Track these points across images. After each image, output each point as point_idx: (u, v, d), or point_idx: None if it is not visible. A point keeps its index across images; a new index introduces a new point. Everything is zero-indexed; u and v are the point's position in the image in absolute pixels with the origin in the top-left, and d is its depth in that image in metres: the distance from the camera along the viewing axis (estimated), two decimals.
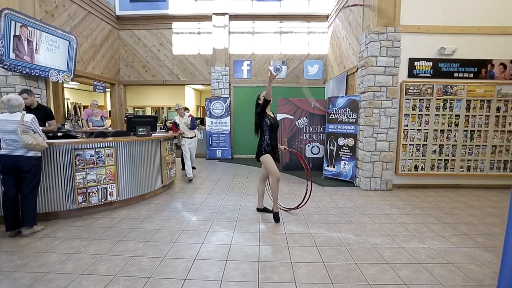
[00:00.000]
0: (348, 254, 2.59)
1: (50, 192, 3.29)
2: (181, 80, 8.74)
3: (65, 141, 3.43)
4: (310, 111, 6.43)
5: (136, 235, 2.96)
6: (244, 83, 8.57)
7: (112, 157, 3.67)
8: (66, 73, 5.55)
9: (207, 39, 8.43)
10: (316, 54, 8.42)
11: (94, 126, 6.36)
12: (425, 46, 4.85)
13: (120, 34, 8.48)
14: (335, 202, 4.22)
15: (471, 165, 5.02)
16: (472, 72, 4.92)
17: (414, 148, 4.98)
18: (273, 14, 8.19)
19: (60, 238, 2.85)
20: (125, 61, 8.63)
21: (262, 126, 3.41)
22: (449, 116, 4.93)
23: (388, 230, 3.18)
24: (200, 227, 3.20)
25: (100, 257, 2.48)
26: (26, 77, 4.81)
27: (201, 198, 4.34)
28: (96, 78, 7.36)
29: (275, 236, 2.97)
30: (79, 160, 3.40)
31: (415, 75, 4.90)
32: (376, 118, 4.83)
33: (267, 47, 8.44)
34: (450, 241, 2.91)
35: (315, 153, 6.52)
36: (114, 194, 3.70)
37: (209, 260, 2.46)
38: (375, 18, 4.73)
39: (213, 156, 8.35)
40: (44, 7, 5.51)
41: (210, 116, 8.28)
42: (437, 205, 4.12)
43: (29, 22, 4.63)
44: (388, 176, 4.93)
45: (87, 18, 6.91)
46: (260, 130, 3.46)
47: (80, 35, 6.57)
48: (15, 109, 2.81)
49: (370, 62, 4.75)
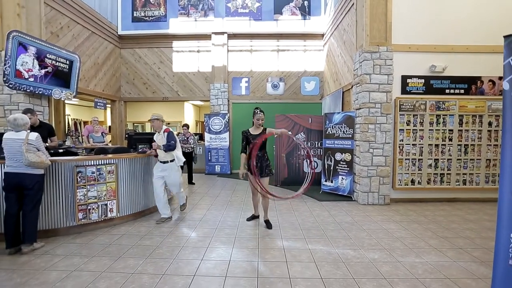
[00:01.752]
0: (346, 270, 2.62)
1: (51, 209, 3.33)
2: (181, 96, 8.91)
3: (68, 159, 3.50)
4: (307, 127, 6.55)
5: (136, 251, 2.98)
6: (242, 100, 8.75)
7: (113, 174, 3.73)
8: (68, 91, 5.68)
9: (206, 57, 8.68)
10: (313, 71, 8.66)
11: (95, 142, 6.44)
12: (417, 64, 5.05)
13: (121, 52, 8.73)
14: (333, 217, 4.25)
15: (466, 179, 5.10)
16: (463, 88, 5.10)
17: (410, 163, 5.07)
18: (270, 33, 8.49)
19: (60, 255, 2.86)
20: (126, 78, 8.83)
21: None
22: (443, 131, 5.05)
23: (385, 245, 3.21)
24: (199, 243, 3.22)
25: (100, 274, 2.50)
26: (29, 95, 4.93)
27: (200, 214, 4.36)
28: (97, 95, 7.51)
29: (274, 252, 2.99)
30: (80, 177, 3.46)
31: (408, 92, 5.07)
32: (371, 134, 4.95)
33: (264, 65, 8.69)
34: (447, 255, 2.94)
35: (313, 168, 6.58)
36: (114, 211, 3.73)
37: (209, 277, 2.47)
38: (367, 38, 4.94)
39: (212, 172, 8.39)
40: (50, 28, 5.72)
41: (209, 132, 8.40)
42: (434, 219, 4.16)
43: (35, 43, 4.80)
44: (385, 190, 4.99)
45: (90, 37, 7.14)
46: None
47: (83, 54, 6.77)
48: (21, 128, 2.89)
49: (364, 80, 4.92)
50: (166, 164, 3.93)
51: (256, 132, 3.61)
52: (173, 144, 3.86)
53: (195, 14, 8.41)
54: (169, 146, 3.85)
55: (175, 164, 3.97)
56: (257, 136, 3.57)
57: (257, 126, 3.61)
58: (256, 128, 3.63)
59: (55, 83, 5.31)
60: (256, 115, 3.58)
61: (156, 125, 3.95)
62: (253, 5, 8.35)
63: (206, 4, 8.40)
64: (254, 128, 3.64)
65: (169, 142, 3.85)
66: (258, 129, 3.62)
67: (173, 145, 3.87)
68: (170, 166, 3.94)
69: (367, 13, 4.89)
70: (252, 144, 3.44)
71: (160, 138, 3.92)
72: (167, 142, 3.86)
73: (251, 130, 3.64)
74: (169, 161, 3.92)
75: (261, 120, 3.57)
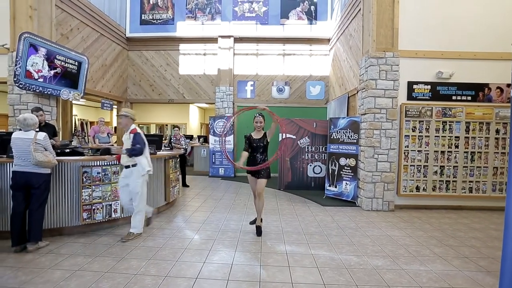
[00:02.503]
0: (349, 276, 2.60)
1: (56, 208, 3.36)
2: (186, 99, 8.98)
3: (74, 158, 3.54)
4: (312, 131, 6.54)
5: (139, 252, 2.99)
6: (247, 103, 8.77)
7: (118, 175, 3.76)
8: (76, 92, 5.76)
9: (212, 60, 8.75)
10: (318, 76, 8.67)
11: (101, 143, 6.51)
12: (423, 70, 5.02)
13: (129, 54, 8.85)
14: (337, 222, 4.23)
15: (473, 187, 5.03)
16: (470, 95, 5.05)
17: (415, 169, 5.02)
18: (276, 37, 8.53)
19: (64, 255, 2.89)
20: (133, 80, 8.94)
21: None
22: (449, 137, 5.01)
23: (389, 251, 3.18)
24: (202, 245, 3.23)
25: (103, 274, 2.51)
26: (38, 95, 5.02)
27: (204, 216, 4.37)
28: (104, 96, 7.60)
29: (277, 256, 2.98)
30: (86, 177, 3.49)
31: (414, 98, 5.04)
32: (376, 139, 4.92)
33: (270, 68, 8.72)
34: (452, 264, 2.90)
35: (317, 172, 6.57)
36: (118, 211, 3.76)
37: (211, 280, 2.47)
38: (373, 43, 4.93)
39: (216, 174, 8.41)
40: (60, 30, 5.83)
41: (214, 134, 8.43)
42: (439, 226, 4.11)
43: (46, 44, 4.89)
44: (389, 196, 4.95)
45: (99, 40, 7.25)
46: None
47: (92, 56, 6.87)
48: (30, 128, 2.94)
49: (370, 85, 4.91)
50: (128, 170, 3.35)
51: (257, 136, 3.65)
52: (139, 148, 3.22)
53: (202, 17, 8.50)
54: (133, 150, 3.20)
55: (138, 170, 3.32)
56: (259, 139, 3.61)
57: (258, 130, 3.64)
58: (257, 132, 3.67)
59: (63, 83, 5.40)
60: (255, 118, 3.64)
61: (124, 123, 3.35)
62: (260, 9, 8.41)
63: (213, 8, 8.48)
64: (256, 132, 3.67)
65: (134, 146, 3.23)
66: (259, 132, 3.66)
67: (138, 150, 3.22)
68: (132, 171, 3.33)
69: (374, 19, 4.90)
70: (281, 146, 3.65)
71: (126, 139, 3.36)
72: (132, 146, 3.25)
73: (253, 134, 3.69)
74: (131, 166, 3.32)
75: (259, 123, 3.61)
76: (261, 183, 3.61)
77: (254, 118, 3.66)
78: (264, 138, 3.63)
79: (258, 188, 3.61)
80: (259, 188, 3.61)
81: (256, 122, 3.63)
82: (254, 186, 3.67)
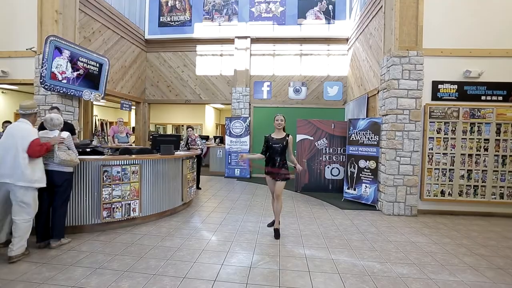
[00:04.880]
0: (373, 284, 2.48)
1: (78, 206, 3.43)
2: (203, 99, 9.04)
3: (95, 158, 3.61)
4: (330, 132, 6.39)
5: (157, 252, 2.99)
6: (264, 104, 8.72)
7: (137, 174, 3.80)
8: (97, 92, 5.91)
9: (229, 60, 8.77)
10: (336, 76, 8.49)
11: (120, 143, 6.65)
12: (449, 69, 4.78)
13: (147, 56, 9.02)
14: (357, 226, 4.08)
15: (504, 192, 4.73)
16: (501, 95, 4.76)
17: (440, 173, 4.78)
18: (293, 37, 8.43)
19: (85, 252, 2.94)
20: (151, 81, 9.10)
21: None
22: (478, 140, 4.73)
23: (414, 259, 3.02)
24: (219, 247, 3.19)
25: (123, 273, 2.52)
26: (62, 96, 5.18)
27: (220, 218, 4.35)
28: (123, 97, 7.77)
29: (296, 261, 2.90)
30: (106, 176, 3.55)
31: (439, 98, 4.81)
32: (399, 141, 4.73)
33: (287, 69, 8.63)
34: (485, 275, 2.71)
35: (335, 174, 6.41)
36: (136, 210, 3.79)
37: (229, 283, 2.43)
38: (396, 42, 4.75)
39: (231, 175, 8.40)
40: (83, 33, 6.01)
41: (230, 135, 8.43)
42: (467, 234, 3.88)
43: (69, 47, 5.05)
44: (412, 201, 4.73)
45: (119, 42, 7.43)
46: None
47: (112, 57, 7.05)
48: (56, 128, 3.02)
49: (392, 85, 4.73)
50: None
51: (278, 136, 3.57)
52: None
53: (219, 18, 8.53)
54: None
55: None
56: (279, 140, 3.53)
57: (278, 130, 3.57)
58: (277, 132, 3.59)
59: (85, 84, 5.55)
60: (276, 117, 3.58)
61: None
62: (277, 9, 8.35)
63: (230, 9, 8.50)
64: (276, 133, 3.60)
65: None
66: (280, 133, 3.58)
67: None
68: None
69: (397, 16, 4.72)
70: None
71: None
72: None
73: (273, 135, 3.62)
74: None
75: (280, 120, 3.54)
76: (280, 185, 3.53)
77: (275, 118, 3.59)
78: (284, 140, 3.55)
79: (277, 190, 3.54)
80: (277, 190, 3.54)
81: (276, 120, 3.57)
82: (273, 188, 3.60)
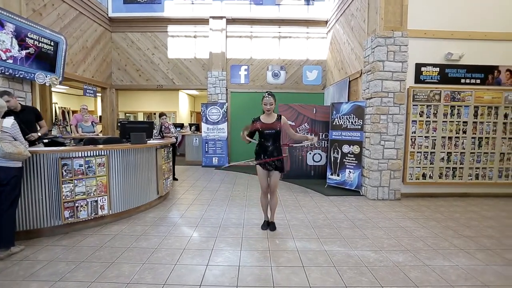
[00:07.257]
0: (371, 275, 2.33)
1: (33, 207, 2.92)
2: (176, 84, 8.43)
3: (50, 149, 3.07)
4: (311, 117, 6.21)
5: (131, 255, 2.62)
6: (241, 88, 8.32)
7: (104, 167, 3.32)
8: (54, 76, 5.17)
9: (203, 43, 8.19)
10: (315, 60, 8.27)
11: (84, 132, 5.97)
12: (432, 51, 4.72)
13: (112, 36, 8.15)
14: (344, 213, 3.97)
15: (479, 173, 4.87)
16: (479, 78, 4.81)
17: (422, 156, 4.80)
18: (271, 19, 8.02)
19: (42, 262, 2.48)
20: (118, 65, 8.28)
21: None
22: (457, 123, 4.78)
23: (407, 245, 2.93)
24: (202, 245, 2.88)
25: (90, 285, 2.14)
26: (8, 78, 4.42)
27: (201, 211, 4.01)
28: (86, 82, 6.98)
29: (287, 255, 2.68)
30: (66, 170, 3.05)
31: (422, 81, 4.76)
32: (383, 125, 4.64)
33: (265, 52, 8.25)
34: (477, 257, 2.68)
35: (317, 160, 6.29)
36: (105, 208, 3.34)
37: (217, 286, 2.14)
38: (381, 21, 4.57)
39: (209, 164, 8.01)
40: (32, 6, 5.16)
41: (206, 122, 7.98)
42: (450, 216, 3.91)
43: (13, 19, 4.28)
44: (396, 185, 4.72)
45: (78, 18, 6.57)
46: None
47: (70, 36, 6.22)
48: None
49: (377, 67, 4.58)
50: None
51: (269, 121, 3.10)
52: None
53: None
54: None
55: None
56: (271, 125, 3.07)
57: (268, 113, 3.10)
58: (267, 116, 3.12)
59: (38, 66, 4.80)
60: (264, 99, 3.05)
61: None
62: None
63: None
64: (265, 116, 3.13)
65: None
66: (270, 116, 3.12)
67: None
68: None
69: None
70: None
71: None
72: None
73: (262, 118, 3.13)
74: None
75: (269, 104, 3.05)
76: (275, 177, 3.11)
77: (263, 99, 3.05)
78: (276, 123, 3.07)
79: (272, 186, 3.13)
80: (272, 186, 3.12)
81: (265, 103, 3.03)
82: (265, 182, 3.15)
